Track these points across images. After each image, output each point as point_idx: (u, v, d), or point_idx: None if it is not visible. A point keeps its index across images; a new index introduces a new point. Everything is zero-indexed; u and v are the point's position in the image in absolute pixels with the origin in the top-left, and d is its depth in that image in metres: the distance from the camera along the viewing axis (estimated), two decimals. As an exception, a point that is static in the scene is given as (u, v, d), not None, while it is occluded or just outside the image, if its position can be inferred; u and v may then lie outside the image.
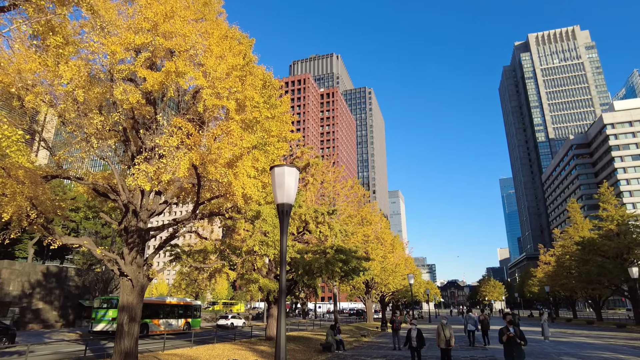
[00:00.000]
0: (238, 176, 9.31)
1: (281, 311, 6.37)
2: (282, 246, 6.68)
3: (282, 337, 6.17)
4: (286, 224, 6.81)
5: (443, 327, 12.71)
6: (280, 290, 6.50)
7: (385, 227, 49.09)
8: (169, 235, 13.26)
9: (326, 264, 17.87)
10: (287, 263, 19.00)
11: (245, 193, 9.50)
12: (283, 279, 6.59)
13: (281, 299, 6.50)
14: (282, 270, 6.68)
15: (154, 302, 33.95)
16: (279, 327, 6.22)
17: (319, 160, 23.94)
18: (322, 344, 17.74)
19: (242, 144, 9.10)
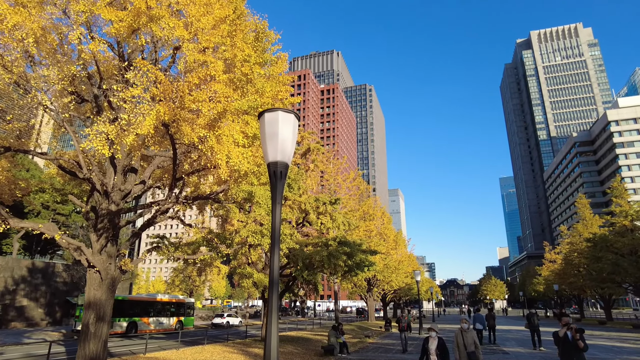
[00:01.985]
0: (222, 141, 7.40)
1: (272, 307, 4.50)
2: (275, 221, 4.78)
3: (273, 339, 4.31)
4: (280, 190, 4.88)
5: (463, 333, 9.06)
6: (271, 279, 4.61)
7: (387, 223, 47.19)
8: (146, 222, 11.34)
9: (329, 257, 15.97)
10: (286, 256, 17.07)
11: (231, 164, 7.56)
12: (275, 263, 4.69)
13: (273, 291, 4.60)
14: (274, 253, 4.76)
15: (143, 299, 32.08)
16: (269, 327, 4.38)
17: (320, 146, 22.02)
18: (324, 346, 15.86)
19: (227, 103, 7.18)
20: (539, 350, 16.43)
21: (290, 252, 16.47)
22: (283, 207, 17.62)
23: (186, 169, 8.85)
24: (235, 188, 11.19)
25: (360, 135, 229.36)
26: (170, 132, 7.66)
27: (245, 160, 8.25)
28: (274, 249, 4.73)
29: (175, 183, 9.58)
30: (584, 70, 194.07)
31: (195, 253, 16.69)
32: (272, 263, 4.67)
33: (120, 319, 28.40)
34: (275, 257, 4.68)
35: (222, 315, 42.64)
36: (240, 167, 7.85)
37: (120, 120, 7.03)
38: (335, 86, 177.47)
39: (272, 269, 4.66)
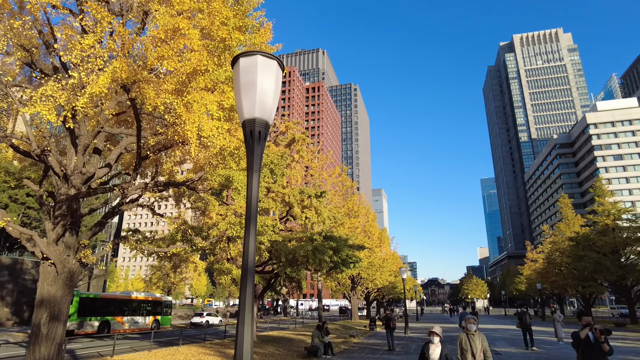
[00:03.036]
0: (192, 109, 6.32)
1: (246, 300, 3.54)
2: (251, 192, 3.81)
3: (246, 339, 3.35)
4: (258, 156, 3.89)
5: (470, 337, 6.95)
6: (245, 264, 3.61)
7: (372, 220, 46.51)
8: (111, 209, 10.14)
9: (314, 252, 14.98)
10: (267, 251, 16.01)
11: (204, 139, 6.49)
12: (251, 245, 3.70)
13: (247, 280, 3.62)
14: (250, 232, 3.77)
15: (117, 297, 30.46)
16: (241, 325, 3.42)
17: (306, 137, 21.01)
18: (307, 347, 14.87)
19: (199, 62, 6.10)
20: (531, 350, 15.83)
21: (273, 246, 15.42)
22: (265, 198, 16.55)
23: (151, 143, 7.72)
24: (211, 172, 10.09)
25: (345, 135, 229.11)
26: (130, 96, 6.53)
27: (221, 135, 7.19)
28: (249, 226, 3.73)
29: (140, 162, 8.43)
30: (563, 74, 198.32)
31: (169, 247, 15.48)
32: (247, 245, 3.67)
33: (92, 318, 26.81)
34: (251, 237, 3.68)
35: (201, 315, 41.16)
36: (214, 142, 6.78)
37: (70, 80, 5.87)
38: (321, 84, 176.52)
39: (247, 252, 3.66)
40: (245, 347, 3.27)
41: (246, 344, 3.29)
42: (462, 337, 7.28)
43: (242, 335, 3.43)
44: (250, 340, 3.29)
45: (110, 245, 10.42)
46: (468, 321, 7.20)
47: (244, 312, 3.52)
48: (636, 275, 36.11)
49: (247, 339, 3.37)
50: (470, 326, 7.13)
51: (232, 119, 7.80)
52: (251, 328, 3.40)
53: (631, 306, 37.97)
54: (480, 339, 7.03)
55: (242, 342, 3.32)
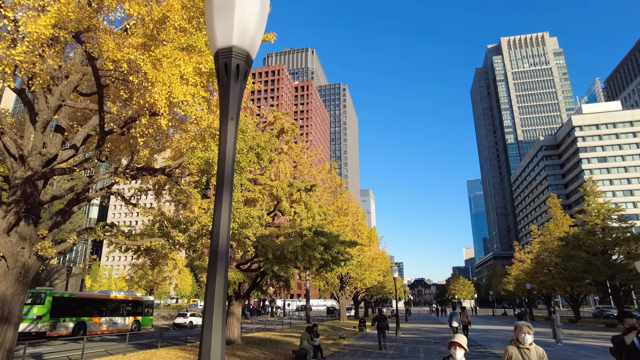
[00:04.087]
0: (162, 68, 5.22)
1: (215, 292, 2.45)
2: (225, 145, 2.78)
3: (215, 344, 2.13)
4: (235, 97, 2.84)
5: (523, 353, 4.69)
6: (215, 246, 2.54)
7: (361, 219, 45.66)
8: (75, 196, 8.94)
9: (303, 248, 13.92)
10: (253, 246, 14.88)
11: (174, 103, 5.39)
12: (223, 220, 2.65)
13: (216, 266, 2.56)
14: (222, 201, 2.71)
15: (94, 297, 28.89)
16: (207, 324, 2.26)
17: (296, 127, 19.92)
18: (295, 350, 13.81)
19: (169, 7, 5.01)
20: (531, 352, 15.07)
21: (259, 242, 14.31)
22: (253, 186, 15.42)
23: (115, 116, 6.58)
24: (189, 155, 8.97)
25: (334, 135, 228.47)
26: (85, 48, 5.40)
27: (197, 105, 6.09)
28: (221, 193, 2.73)
29: (104, 138, 7.26)
30: (549, 77, 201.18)
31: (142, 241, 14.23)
32: (219, 218, 2.67)
33: (66, 319, 25.27)
34: (224, 208, 2.66)
35: (184, 315, 39.68)
36: (189, 112, 5.68)
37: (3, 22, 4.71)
38: (310, 83, 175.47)
39: (218, 227, 2.65)
40: (214, 350, 2.31)
41: (216, 346, 2.31)
42: (511, 353, 4.74)
43: (209, 342, 2.42)
44: (221, 347, 2.32)
45: (74, 237, 9.20)
46: (520, 330, 4.63)
47: (213, 311, 2.49)
48: (625, 275, 35.97)
49: (217, 346, 2.37)
50: (525, 337, 4.60)
51: (213, 85, 6.69)
52: (222, 331, 2.41)
53: (620, 306, 37.83)
54: (538, 355, 4.64)
55: (208, 350, 2.34)
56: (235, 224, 10.48)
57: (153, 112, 6.03)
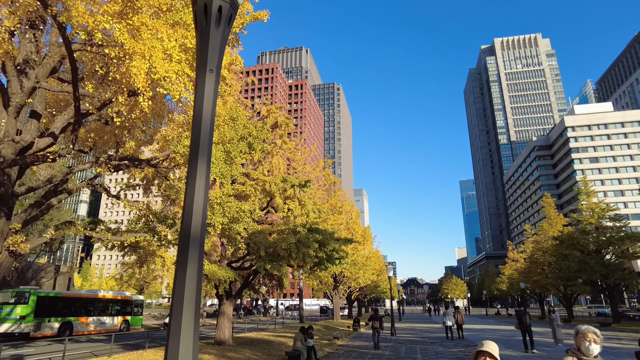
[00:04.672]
0: (141, 38, 4.64)
1: (185, 284, 1.75)
2: (202, 102, 2.14)
3: (183, 348, 1.40)
4: (216, 46, 2.22)
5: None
6: (187, 227, 1.88)
7: (356, 217, 45.18)
8: (53, 187, 8.31)
9: (297, 245, 13.38)
10: (245, 243, 14.29)
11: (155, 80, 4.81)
12: (197, 197, 1.99)
13: (187, 252, 1.90)
14: (196, 170, 2.03)
15: (81, 296, 28.06)
16: (175, 325, 1.55)
17: (290, 122, 19.36)
18: (288, 352, 13.26)
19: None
20: (532, 353, 14.66)
21: (251, 238, 13.74)
22: (245, 179, 14.82)
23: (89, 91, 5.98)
24: (174, 144, 8.38)
25: (328, 134, 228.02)
26: (52, 12, 4.80)
27: (182, 84, 5.51)
28: (196, 160, 2.15)
29: (79, 120, 6.64)
30: (542, 78, 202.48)
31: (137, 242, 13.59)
32: (192, 193, 2.08)
33: (51, 318, 24.47)
34: (199, 181, 2.08)
35: (175, 315, 38.94)
36: (172, 91, 5.10)
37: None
38: (304, 82, 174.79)
39: (191, 200, 2.07)
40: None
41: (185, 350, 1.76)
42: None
43: (177, 349, 1.88)
44: (192, 354, 1.74)
45: (51, 231, 8.56)
46: (584, 337, 3.44)
47: (182, 310, 1.97)
48: (620, 274, 35.92)
49: (187, 354, 1.81)
50: (591, 347, 3.36)
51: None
52: (193, 335, 1.84)
53: (614, 306, 37.81)
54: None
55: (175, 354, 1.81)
56: (225, 219, 9.90)
57: (132, 90, 5.44)
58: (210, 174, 8.86)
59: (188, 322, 1.86)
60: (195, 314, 1.87)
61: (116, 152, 11.29)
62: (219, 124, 8.79)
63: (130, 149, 11.81)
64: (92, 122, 10.57)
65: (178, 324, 1.84)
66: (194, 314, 1.88)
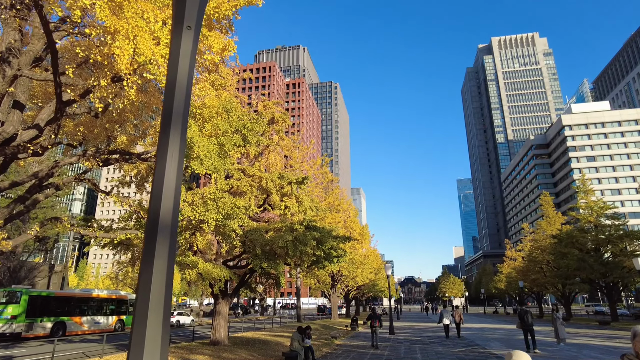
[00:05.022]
0: (124, 16, 4.26)
1: (152, 285, 1.37)
2: (177, 59, 1.69)
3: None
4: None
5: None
6: (156, 205, 1.44)
7: (353, 216, 44.88)
8: (37, 182, 7.91)
9: (294, 242, 13.01)
10: (240, 241, 13.90)
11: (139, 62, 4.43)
12: (169, 166, 1.53)
13: (155, 237, 1.47)
14: (169, 139, 1.58)
15: (75, 295, 27.60)
16: (137, 327, 1.09)
17: (287, 117, 18.97)
18: (285, 352, 12.90)
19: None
20: (534, 353, 14.36)
21: (247, 236, 13.36)
22: (239, 182, 14.43)
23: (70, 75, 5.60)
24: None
25: (325, 133, 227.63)
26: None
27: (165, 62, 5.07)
28: (168, 125, 1.73)
29: (62, 108, 6.23)
30: (539, 77, 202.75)
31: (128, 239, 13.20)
32: (163, 165, 1.65)
33: (44, 318, 24.01)
34: (173, 146, 1.64)
35: (171, 314, 38.59)
36: (159, 76, 4.71)
37: None
38: (301, 80, 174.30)
39: (161, 178, 1.63)
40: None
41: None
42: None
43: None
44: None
45: (36, 227, 8.17)
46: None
47: (148, 311, 1.58)
48: (619, 273, 35.77)
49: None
50: None
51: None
52: (162, 341, 1.44)
53: (613, 304, 37.66)
54: None
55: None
56: (219, 215, 9.52)
57: (116, 75, 5.05)
58: (203, 168, 8.49)
59: (154, 329, 1.50)
60: (164, 319, 1.50)
61: (107, 146, 10.89)
62: (212, 116, 8.40)
63: (121, 143, 11.41)
64: (80, 114, 10.17)
65: (141, 333, 1.48)
66: (162, 320, 1.51)
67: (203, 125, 8.64)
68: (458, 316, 22.18)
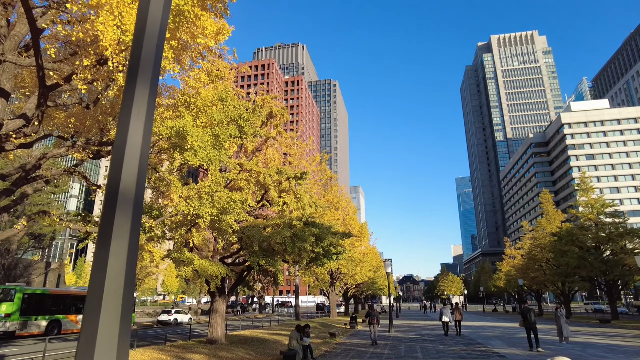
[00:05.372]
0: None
1: (105, 267, 1.06)
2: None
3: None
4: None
5: None
6: (111, 188, 1.04)
7: (353, 213, 44.57)
8: (23, 174, 7.57)
9: (292, 238, 12.70)
10: (238, 238, 13.58)
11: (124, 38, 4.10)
12: (137, 116, 1.16)
13: (113, 214, 1.07)
14: (137, 84, 1.18)
15: (70, 293, 27.26)
16: (86, 330, 0.97)
17: (285, 112, 18.63)
18: (283, 351, 12.60)
19: None
20: (537, 352, 14.09)
21: (244, 232, 13.04)
22: (232, 174, 14.09)
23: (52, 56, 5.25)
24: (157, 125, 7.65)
25: (324, 131, 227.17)
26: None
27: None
28: (135, 72, 1.30)
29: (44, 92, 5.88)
30: (538, 75, 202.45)
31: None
32: (126, 120, 1.24)
33: (38, 317, 23.69)
34: (139, 99, 1.24)
35: (169, 312, 38.19)
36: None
37: None
38: (300, 78, 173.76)
39: (124, 138, 1.23)
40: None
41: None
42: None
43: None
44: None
45: (23, 222, 7.83)
46: None
47: (100, 307, 1.18)
48: (619, 270, 35.59)
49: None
50: None
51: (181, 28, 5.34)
52: (117, 345, 1.03)
53: (613, 302, 37.48)
54: None
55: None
56: (214, 209, 9.17)
57: (101, 57, 4.71)
58: (197, 159, 8.15)
59: (108, 326, 1.17)
60: (124, 313, 1.18)
61: (100, 138, 10.55)
62: (207, 105, 8.05)
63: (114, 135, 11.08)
64: (72, 105, 9.83)
65: (91, 331, 1.16)
66: (119, 314, 1.20)
67: (197, 116, 8.31)
68: (458, 314, 22.38)
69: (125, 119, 1.34)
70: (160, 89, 11.85)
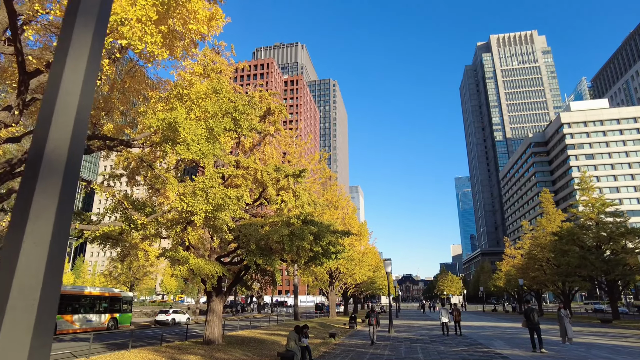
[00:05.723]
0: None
1: (19, 250, 0.99)
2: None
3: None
4: None
5: None
6: (36, 149, 0.96)
7: (352, 213, 44.27)
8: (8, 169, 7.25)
9: (290, 237, 12.39)
10: (235, 236, 13.26)
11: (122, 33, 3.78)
12: (65, 86, 0.96)
13: (34, 185, 0.96)
14: (76, 22, 0.94)
15: (65, 292, 26.87)
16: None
17: (283, 108, 18.31)
18: (281, 353, 12.29)
19: None
20: (540, 353, 13.81)
21: (241, 230, 12.73)
22: (228, 170, 13.76)
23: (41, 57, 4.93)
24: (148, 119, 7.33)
25: (323, 130, 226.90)
26: None
27: (148, 35, 4.48)
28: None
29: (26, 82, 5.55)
30: (537, 75, 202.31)
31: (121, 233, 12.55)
32: (60, 70, 0.97)
33: (33, 317, 23.33)
34: (78, 41, 0.94)
35: (167, 312, 37.89)
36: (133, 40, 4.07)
37: None
38: (300, 77, 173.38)
39: (55, 89, 0.96)
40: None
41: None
42: None
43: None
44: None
45: (7, 218, 7.52)
46: None
47: (5, 305, 0.94)
48: (621, 270, 35.33)
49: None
50: None
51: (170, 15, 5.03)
52: (29, 350, 0.93)
53: (614, 302, 37.23)
54: None
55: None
56: (209, 206, 8.86)
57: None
58: (190, 153, 7.83)
59: (15, 337, 0.85)
60: (41, 323, 0.86)
61: (93, 132, 10.24)
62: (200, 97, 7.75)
63: (108, 132, 10.76)
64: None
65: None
66: (33, 321, 0.86)
67: (191, 108, 7.98)
68: (458, 314, 22.23)
69: (60, 65, 1.02)
70: (155, 83, 11.55)
